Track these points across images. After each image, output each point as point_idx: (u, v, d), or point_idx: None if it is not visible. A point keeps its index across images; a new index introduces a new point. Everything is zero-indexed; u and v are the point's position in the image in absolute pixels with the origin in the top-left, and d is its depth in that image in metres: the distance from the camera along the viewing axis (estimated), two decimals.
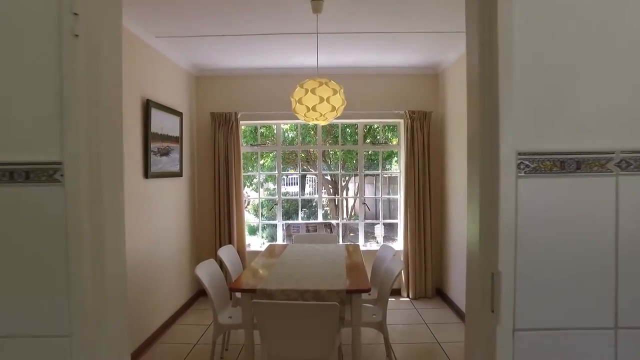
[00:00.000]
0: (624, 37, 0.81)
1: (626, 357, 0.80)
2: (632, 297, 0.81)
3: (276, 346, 2.20)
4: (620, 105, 0.81)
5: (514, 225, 0.81)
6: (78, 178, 0.82)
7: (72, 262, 0.82)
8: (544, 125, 0.80)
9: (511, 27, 0.79)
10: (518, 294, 0.81)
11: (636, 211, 0.81)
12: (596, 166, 0.80)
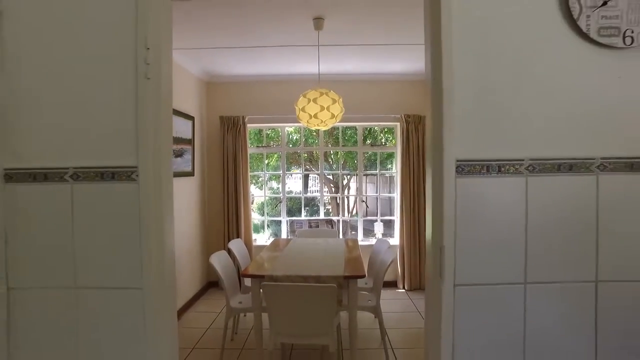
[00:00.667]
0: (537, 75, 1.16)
1: (531, 302, 1.15)
2: (537, 262, 1.16)
3: (282, 324, 2.56)
4: (532, 125, 1.16)
5: (454, 212, 1.16)
6: (147, 177, 1.18)
7: (143, 236, 1.18)
8: (474, 140, 1.15)
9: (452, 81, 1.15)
10: (457, 261, 1.16)
11: (540, 201, 1.16)
12: (512, 169, 1.16)
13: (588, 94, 1.15)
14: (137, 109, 1.17)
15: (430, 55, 1.22)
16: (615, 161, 1.15)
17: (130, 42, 1.16)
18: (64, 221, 1.19)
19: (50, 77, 1.18)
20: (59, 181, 1.19)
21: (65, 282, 1.19)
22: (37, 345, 1.20)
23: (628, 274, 1.15)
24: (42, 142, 1.19)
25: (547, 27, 1.14)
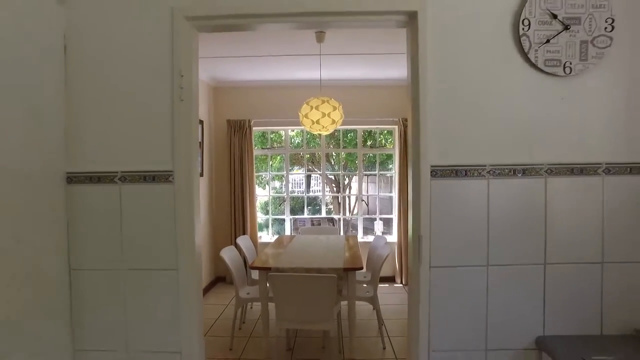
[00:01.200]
0: (497, 98, 1.44)
1: (492, 280, 1.44)
2: (498, 247, 1.45)
3: (287, 311, 2.85)
4: (492, 138, 1.45)
5: (429, 208, 1.45)
6: (180, 180, 1.48)
7: (178, 227, 1.48)
8: (445, 150, 1.44)
9: (427, 102, 1.44)
10: (432, 247, 1.45)
11: (499, 199, 1.44)
12: (476, 173, 1.44)
13: (537, 112, 1.44)
14: (173, 125, 1.46)
15: (412, 94, 1.51)
16: (559, 166, 1.44)
17: (167, 70, 1.46)
18: (113, 215, 1.49)
19: (103, 99, 1.48)
20: (109, 182, 1.48)
21: (115, 264, 1.49)
22: (94, 315, 1.49)
23: (568, 256, 1.44)
24: (96, 151, 1.49)
25: (504, 59, 1.43)
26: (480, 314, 1.46)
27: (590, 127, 1.43)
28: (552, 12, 1.39)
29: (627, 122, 1.43)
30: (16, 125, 1.24)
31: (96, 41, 1.47)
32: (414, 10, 1.42)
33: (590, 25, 1.39)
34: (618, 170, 1.43)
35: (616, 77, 1.42)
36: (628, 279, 1.44)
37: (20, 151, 1.26)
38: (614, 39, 1.39)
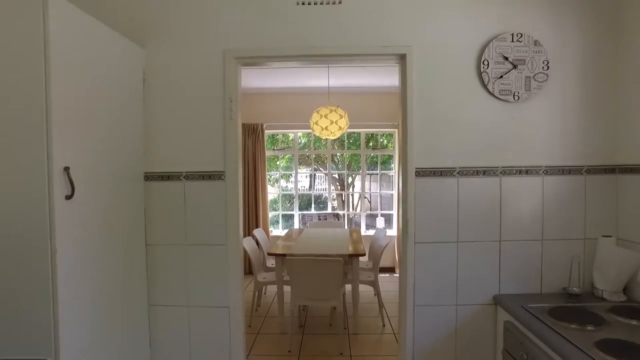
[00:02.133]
0: (464, 119, 1.97)
1: (461, 252, 1.97)
2: (465, 228, 1.98)
3: (301, 289, 3.39)
4: (460, 148, 1.97)
5: (414, 199, 1.98)
6: (229, 178, 2.02)
7: (228, 211, 2.01)
8: (426, 156, 1.97)
9: (414, 114, 1.97)
10: (416, 227, 1.98)
11: (466, 192, 1.97)
12: (449, 173, 1.97)
13: (494, 128, 1.96)
14: (224, 137, 2.00)
15: (402, 114, 2.04)
16: (511, 168, 1.96)
17: (220, 96, 2.00)
18: (179, 204, 2.03)
19: (170, 117, 2.02)
20: (176, 180, 2.02)
21: (179, 241, 2.03)
22: (163, 280, 2.04)
23: (517, 235, 1.97)
24: (166, 156, 2.03)
25: (470, 89, 1.96)
26: (452, 278, 2.00)
27: (533, 139, 1.96)
28: (504, 55, 1.92)
29: (560, 135, 1.96)
30: (111, 139, 1.78)
31: (165, 74, 2.01)
32: (404, 53, 1.95)
33: (532, 65, 1.92)
34: (554, 171, 1.96)
35: (551, 102, 1.94)
36: (560, 251, 1.97)
37: (114, 157, 1.80)
38: (549, 75, 1.92)
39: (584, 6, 1.94)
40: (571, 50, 1.95)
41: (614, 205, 1.96)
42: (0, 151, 1.34)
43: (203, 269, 2.03)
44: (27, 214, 1.34)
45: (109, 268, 1.71)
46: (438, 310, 2.01)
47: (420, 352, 2.01)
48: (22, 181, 1.34)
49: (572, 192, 1.97)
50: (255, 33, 2.00)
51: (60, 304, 1.38)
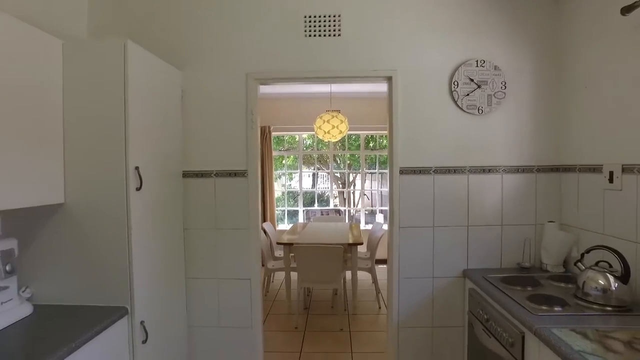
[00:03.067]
0: (438, 128, 2.48)
1: (436, 235, 2.49)
2: (439, 216, 2.49)
3: (307, 274, 3.91)
4: (435, 151, 2.49)
5: (399, 192, 2.50)
6: (250, 175, 2.54)
7: (249, 202, 2.54)
8: (408, 157, 2.49)
9: (399, 125, 2.48)
10: (401, 216, 2.50)
11: (440, 187, 2.49)
12: (426, 172, 2.49)
13: (463, 135, 2.48)
14: (247, 143, 2.53)
15: (389, 123, 2.55)
16: (476, 168, 2.48)
17: (242, 109, 2.52)
18: (210, 196, 2.55)
19: (204, 127, 2.54)
20: (208, 177, 2.55)
21: (211, 225, 2.55)
22: (198, 258, 2.56)
23: (482, 221, 2.49)
24: (200, 157, 2.55)
25: (443, 104, 2.47)
26: (429, 256, 2.51)
27: (494, 144, 2.48)
28: (470, 77, 2.44)
29: (515, 141, 2.47)
30: (161, 144, 2.29)
31: (199, 92, 2.53)
32: (390, 75, 2.47)
33: (493, 85, 2.43)
34: (510, 170, 2.48)
35: (508, 115, 2.46)
36: (515, 234, 2.48)
37: (163, 159, 2.32)
38: (506, 93, 2.44)
39: (532, 40, 2.45)
40: (523, 74, 2.46)
41: (558, 197, 2.48)
42: (97, 156, 1.87)
43: (229, 248, 2.56)
44: (113, 200, 1.87)
45: (159, 246, 2.23)
46: (418, 281, 2.53)
47: (404, 313, 2.53)
48: (110, 176, 1.87)
49: (525, 187, 2.49)
50: (271, 58, 2.52)
51: (134, 267, 1.91)
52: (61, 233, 1.91)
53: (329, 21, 2.50)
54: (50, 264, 1.92)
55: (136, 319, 1.94)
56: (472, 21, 2.47)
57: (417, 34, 2.48)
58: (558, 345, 1.44)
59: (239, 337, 2.59)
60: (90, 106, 1.88)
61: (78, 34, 2.46)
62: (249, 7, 2.52)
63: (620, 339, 1.48)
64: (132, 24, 2.56)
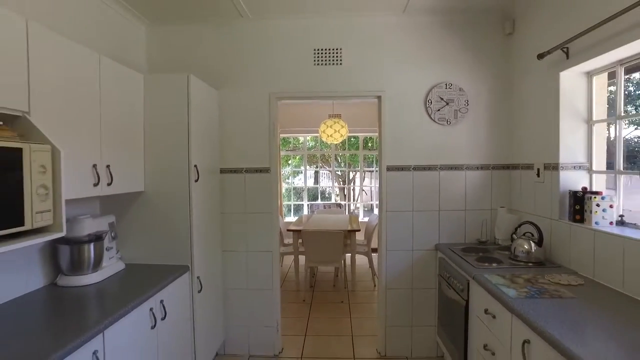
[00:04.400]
0: (416, 135, 3.28)
1: (415, 218, 3.29)
2: (417, 202, 3.29)
3: (313, 255, 4.71)
4: (414, 152, 3.28)
5: (386, 185, 3.29)
6: (272, 171, 3.34)
7: (272, 192, 3.34)
8: (393, 158, 3.28)
9: (386, 132, 3.27)
10: (387, 202, 3.30)
11: (418, 181, 3.28)
12: (407, 169, 3.28)
13: (435, 141, 3.27)
14: (269, 146, 3.32)
15: (379, 131, 3.34)
16: (445, 165, 3.27)
17: (266, 121, 3.32)
18: (241, 187, 3.35)
19: (236, 134, 3.33)
20: (239, 173, 3.34)
21: (241, 210, 3.35)
22: (231, 235, 3.36)
23: (450, 207, 3.28)
24: (233, 158, 3.34)
25: (419, 118, 3.26)
26: (409, 233, 3.30)
27: (459, 148, 3.27)
28: (441, 97, 3.23)
29: (475, 145, 3.26)
30: (207, 148, 3.08)
31: (232, 107, 3.33)
32: (379, 95, 3.26)
33: (458, 102, 3.22)
34: (471, 168, 3.27)
35: (469, 126, 3.25)
36: (476, 217, 3.28)
37: (208, 159, 3.10)
38: (468, 109, 3.23)
39: (489, 68, 3.25)
40: (481, 94, 3.25)
41: (507, 188, 3.27)
42: (168, 157, 2.67)
43: (255, 228, 3.35)
44: (180, 188, 2.67)
45: (207, 224, 3.03)
46: (401, 253, 3.32)
47: (390, 278, 3.33)
48: (177, 171, 2.67)
49: (483, 181, 3.28)
50: (288, 81, 3.31)
51: (193, 237, 2.70)
52: (142, 212, 2.71)
53: (333, 53, 3.29)
54: (134, 235, 2.73)
55: (195, 274, 2.74)
56: (443, 54, 3.26)
57: (400, 63, 3.27)
58: (484, 282, 2.23)
59: (262, 296, 3.39)
60: (163, 120, 2.68)
61: (140, 63, 3.26)
62: (270, 41, 3.31)
63: (524, 277, 2.27)
64: (178, 55, 3.35)
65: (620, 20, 1.97)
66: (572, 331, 1.55)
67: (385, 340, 3.38)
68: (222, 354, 3.41)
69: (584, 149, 2.59)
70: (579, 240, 2.39)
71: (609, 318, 1.70)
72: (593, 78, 2.54)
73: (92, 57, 2.14)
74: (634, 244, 1.96)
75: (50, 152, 1.67)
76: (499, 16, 3.24)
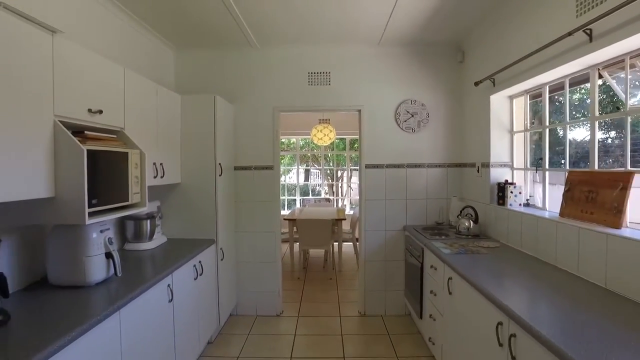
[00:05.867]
0: (388, 140, 4.23)
1: (387, 205, 4.25)
2: (389, 193, 4.25)
3: (306, 239, 5.64)
4: (386, 154, 4.24)
5: (365, 180, 4.25)
6: (275, 169, 4.27)
7: (274, 185, 4.27)
8: (371, 158, 4.24)
9: (365, 138, 4.23)
10: (366, 193, 4.26)
11: (390, 177, 4.24)
12: (381, 167, 4.25)
13: (402, 145, 4.24)
14: (273, 148, 4.25)
15: (359, 137, 4.29)
16: (411, 164, 4.24)
17: (270, 128, 4.26)
18: (251, 181, 4.27)
19: (247, 139, 4.27)
20: (249, 170, 4.27)
21: (251, 199, 4.27)
22: (242, 219, 4.28)
23: (414, 196, 4.25)
24: (244, 157, 4.27)
25: (391, 127, 4.23)
26: (383, 217, 4.27)
27: (421, 150, 4.24)
28: (407, 110, 4.19)
29: (434, 148, 4.24)
30: (225, 150, 3.99)
31: (244, 117, 4.25)
32: (359, 109, 4.22)
33: (421, 115, 4.19)
34: (432, 166, 4.24)
35: (429, 133, 4.22)
36: (435, 204, 4.26)
37: (226, 158, 4.01)
38: (429, 120, 4.20)
39: (445, 87, 4.22)
40: (439, 108, 4.22)
41: (459, 182, 4.26)
42: (199, 157, 3.59)
43: (261, 213, 4.27)
44: (208, 181, 3.59)
45: (227, 209, 3.94)
46: (377, 232, 4.27)
47: (368, 252, 4.29)
48: (206, 168, 3.59)
49: (441, 176, 4.25)
50: (287, 98, 4.24)
51: (218, 218, 3.62)
52: (179, 199, 3.62)
53: (323, 76, 4.23)
54: (173, 216, 3.63)
55: (219, 246, 3.66)
56: (409, 77, 4.22)
57: (376, 84, 4.23)
58: (431, 247, 3.20)
59: (267, 268, 4.31)
60: (195, 129, 3.59)
61: (171, 82, 4.16)
62: (273, 65, 4.24)
63: (459, 243, 3.25)
64: (201, 75, 4.26)
65: (524, 63, 2.95)
66: (475, 270, 2.53)
67: (364, 302, 4.34)
68: (235, 315, 4.32)
69: (507, 152, 3.58)
70: (501, 218, 3.37)
71: (502, 264, 2.68)
72: (513, 100, 3.53)
73: (154, 88, 3.05)
74: (529, 217, 2.95)
75: (139, 154, 2.58)
76: (453, 48, 4.22)
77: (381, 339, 3.72)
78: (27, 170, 1.76)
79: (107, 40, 3.02)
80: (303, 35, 3.94)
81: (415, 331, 3.86)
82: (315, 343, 3.66)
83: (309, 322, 4.17)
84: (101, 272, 2.26)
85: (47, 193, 1.89)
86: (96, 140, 2.22)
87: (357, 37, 3.99)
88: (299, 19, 3.51)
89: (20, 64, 1.71)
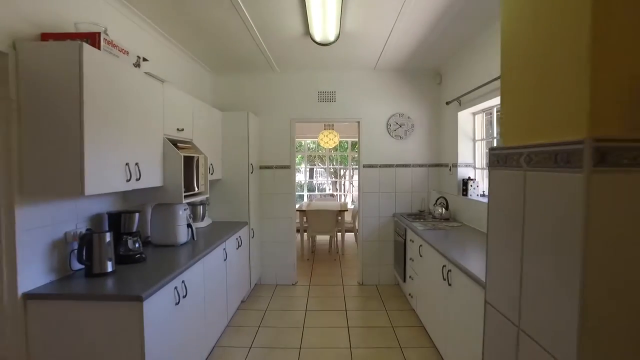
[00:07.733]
0: (380, 146, 5.39)
1: (380, 197, 5.41)
2: (381, 187, 5.41)
3: (313, 226, 6.82)
4: (379, 155, 5.40)
5: (363, 177, 5.41)
6: (292, 168, 5.43)
7: (291, 180, 5.44)
8: (367, 159, 5.41)
9: (363, 143, 5.39)
10: (363, 188, 5.42)
11: (383, 175, 5.40)
12: (375, 166, 5.41)
13: (393, 149, 5.40)
14: (290, 152, 5.43)
15: (358, 143, 5.45)
16: (400, 164, 5.40)
17: (287, 135, 5.43)
18: (271, 178, 5.45)
19: (270, 143, 5.44)
20: (271, 168, 5.45)
21: (271, 191, 5.45)
22: (265, 208, 5.46)
23: (402, 190, 5.41)
24: (267, 159, 5.45)
25: (383, 135, 5.39)
26: (377, 206, 5.43)
27: (407, 153, 5.40)
28: (396, 122, 5.35)
29: (419, 152, 5.40)
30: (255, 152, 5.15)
31: (267, 127, 5.42)
32: (359, 120, 5.38)
33: (407, 125, 5.35)
34: (416, 166, 5.41)
35: (414, 140, 5.39)
36: (418, 196, 5.43)
37: (256, 159, 5.17)
38: (414, 130, 5.37)
39: (427, 102, 5.38)
40: (422, 120, 5.38)
41: (437, 179, 5.42)
42: (235, 158, 4.77)
43: (280, 203, 5.44)
44: (242, 177, 4.78)
45: (256, 200, 5.09)
46: (372, 218, 5.44)
47: (365, 234, 5.46)
48: (241, 166, 4.78)
49: (423, 174, 5.41)
50: (301, 111, 5.41)
51: (250, 205, 4.79)
52: (221, 191, 4.80)
53: (330, 94, 5.40)
54: (216, 204, 4.80)
55: (250, 226, 4.84)
56: (398, 94, 5.38)
57: (372, 100, 5.38)
58: (411, 226, 4.38)
59: (284, 246, 5.50)
60: (232, 137, 4.76)
61: (209, 99, 5.33)
62: (290, 85, 5.42)
63: (432, 223, 4.43)
64: (233, 94, 5.43)
65: (480, 90, 4.10)
66: (436, 239, 3.69)
67: (362, 274, 5.50)
68: (259, 284, 5.49)
69: (471, 155, 4.73)
70: (465, 205, 4.53)
71: (457, 236, 3.86)
72: (475, 116, 4.68)
73: (208, 109, 4.22)
74: (481, 204, 4.10)
75: (204, 157, 3.74)
76: (433, 72, 5.38)
77: (374, 299, 4.90)
78: (156, 170, 2.94)
79: (174, 72, 4.19)
80: (315, 63, 5.10)
81: (401, 294, 5.03)
82: (323, 302, 4.83)
83: (318, 289, 5.34)
84: (185, 236, 3.44)
85: (161, 183, 3.07)
86: (183, 149, 3.40)
87: (357, 64, 5.14)
88: (312, 55, 4.68)
89: (151, 104, 2.88)
